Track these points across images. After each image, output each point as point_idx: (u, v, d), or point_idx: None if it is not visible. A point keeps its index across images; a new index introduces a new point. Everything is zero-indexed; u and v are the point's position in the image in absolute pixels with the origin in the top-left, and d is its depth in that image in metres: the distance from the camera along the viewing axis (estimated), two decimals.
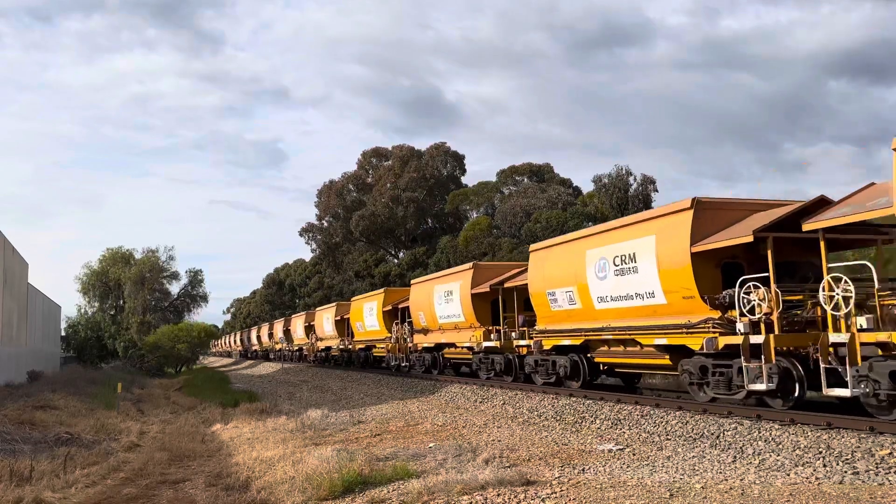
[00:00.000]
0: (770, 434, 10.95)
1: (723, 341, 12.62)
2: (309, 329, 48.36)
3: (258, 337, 71.65)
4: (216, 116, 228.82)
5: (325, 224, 69.07)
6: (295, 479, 10.19)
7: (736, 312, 12.42)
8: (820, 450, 9.85)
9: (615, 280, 15.47)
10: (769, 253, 12.14)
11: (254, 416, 19.49)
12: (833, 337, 11.06)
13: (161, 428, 18.57)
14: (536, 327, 19.41)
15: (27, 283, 36.72)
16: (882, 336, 10.44)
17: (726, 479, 9.08)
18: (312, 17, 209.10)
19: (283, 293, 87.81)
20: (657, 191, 45.65)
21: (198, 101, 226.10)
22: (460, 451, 11.95)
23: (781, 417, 11.59)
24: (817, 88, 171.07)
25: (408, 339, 30.84)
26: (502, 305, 21.96)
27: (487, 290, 22.21)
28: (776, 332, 11.91)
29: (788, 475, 9.15)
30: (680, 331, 13.73)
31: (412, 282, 30.48)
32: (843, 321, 10.96)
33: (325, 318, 43.35)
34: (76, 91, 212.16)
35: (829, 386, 11.05)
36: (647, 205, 43.60)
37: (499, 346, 22.02)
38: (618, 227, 15.97)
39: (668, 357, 14.74)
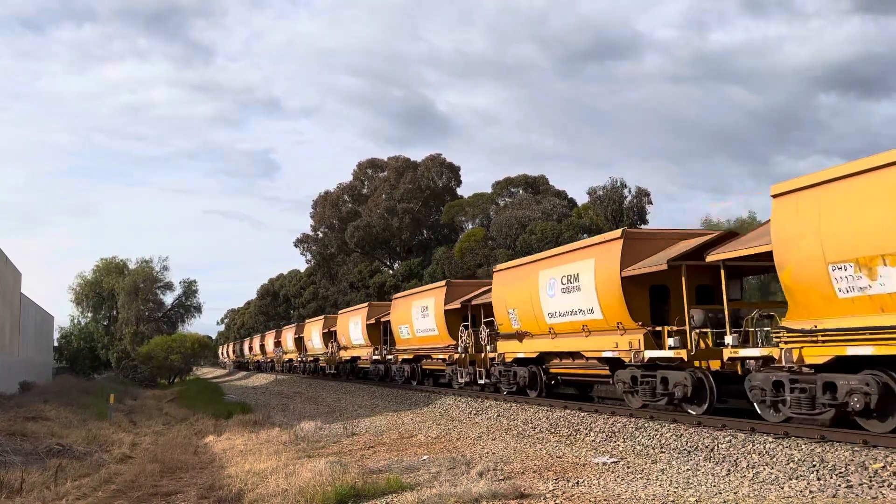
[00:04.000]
0: (764, 447, 10.95)
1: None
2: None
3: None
4: (208, 126, 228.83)
5: (321, 235, 69.05)
6: (288, 491, 10.13)
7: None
8: (814, 463, 9.85)
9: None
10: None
11: (247, 428, 19.39)
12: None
13: (153, 439, 18.47)
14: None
15: (20, 293, 36.55)
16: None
17: (720, 493, 9.07)
18: (304, 28, 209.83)
19: (278, 304, 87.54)
20: (651, 203, 45.84)
21: (190, 110, 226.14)
22: (454, 463, 11.91)
23: (775, 430, 11.61)
24: (807, 102, 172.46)
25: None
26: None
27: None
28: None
29: (782, 488, 9.14)
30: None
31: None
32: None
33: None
34: (68, 100, 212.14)
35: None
36: (641, 217, 43.78)
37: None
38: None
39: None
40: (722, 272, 13.36)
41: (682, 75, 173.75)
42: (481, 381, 21.95)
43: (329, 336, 41.09)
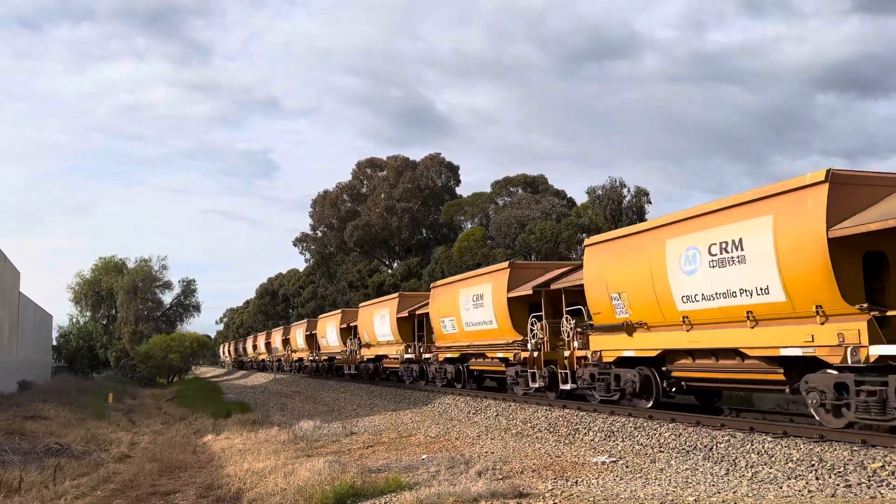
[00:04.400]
0: (763, 446, 10.95)
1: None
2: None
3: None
4: (207, 126, 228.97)
5: (320, 234, 69.00)
6: (286, 490, 10.13)
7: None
8: (812, 462, 9.85)
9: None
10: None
11: (246, 427, 19.39)
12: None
13: (152, 438, 18.46)
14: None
15: (19, 292, 36.53)
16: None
17: (719, 492, 9.07)
18: (303, 28, 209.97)
19: (277, 303, 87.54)
20: (651, 202, 45.76)
21: (188, 110, 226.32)
22: (453, 462, 11.91)
23: (774, 430, 11.61)
24: (805, 102, 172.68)
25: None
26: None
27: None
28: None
29: (781, 488, 9.15)
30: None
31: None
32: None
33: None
34: (67, 99, 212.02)
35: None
36: (641, 216, 43.70)
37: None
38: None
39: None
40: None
41: (680, 75, 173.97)
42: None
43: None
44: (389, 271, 62.35)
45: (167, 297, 70.18)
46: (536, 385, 18.82)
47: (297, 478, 10.74)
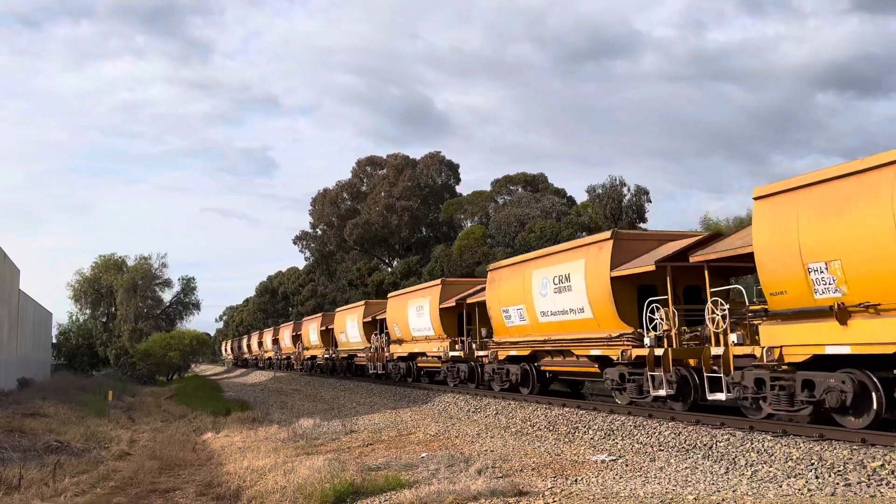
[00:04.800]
0: (762, 445, 10.95)
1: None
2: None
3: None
4: (206, 124, 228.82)
5: (319, 232, 68.99)
6: (286, 488, 10.13)
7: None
8: (812, 461, 9.85)
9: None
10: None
11: (245, 425, 19.38)
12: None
13: (152, 436, 18.46)
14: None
15: (18, 290, 36.52)
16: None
17: (719, 491, 9.07)
18: (301, 27, 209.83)
19: (277, 301, 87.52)
20: (651, 201, 45.75)
21: (187, 108, 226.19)
22: (453, 461, 11.91)
23: (774, 429, 11.61)
24: (805, 101, 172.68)
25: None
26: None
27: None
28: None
29: (781, 487, 9.14)
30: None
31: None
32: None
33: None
34: (66, 98, 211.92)
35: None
36: (640, 215, 43.70)
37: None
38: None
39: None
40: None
41: (679, 74, 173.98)
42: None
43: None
44: (389, 270, 62.33)
45: (167, 295, 70.32)
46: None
47: (297, 476, 10.74)
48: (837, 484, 8.94)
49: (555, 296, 17.58)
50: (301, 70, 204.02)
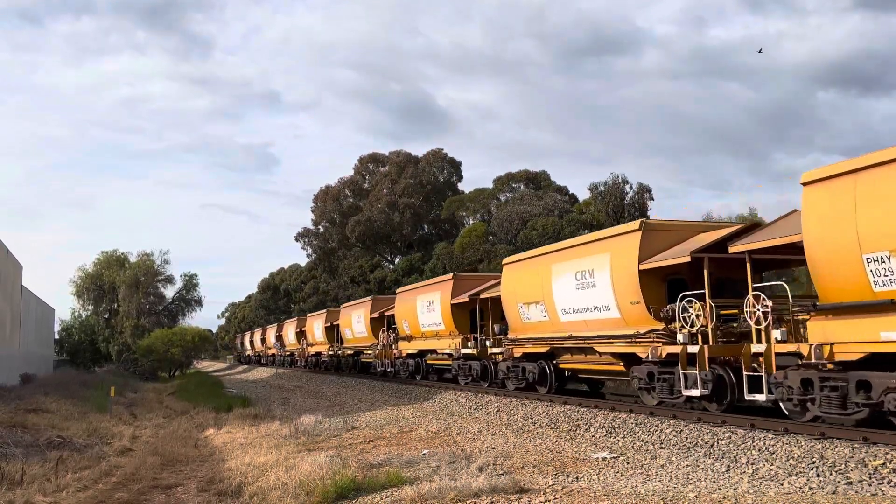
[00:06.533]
0: (764, 443, 10.95)
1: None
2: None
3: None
4: (206, 120, 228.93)
5: (321, 229, 69.01)
6: (288, 484, 10.15)
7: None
8: (813, 460, 9.85)
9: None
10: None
11: (247, 422, 19.42)
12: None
13: (154, 432, 18.50)
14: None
15: (21, 286, 36.58)
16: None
17: (720, 489, 9.07)
18: (302, 22, 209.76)
19: (279, 298, 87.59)
20: (653, 199, 45.73)
21: (188, 104, 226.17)
22: (454, 458, 11.92)
23: (775, 427, 11.61)
24: (806, 99, 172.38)
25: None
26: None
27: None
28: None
29: (782, 485, 9.14)
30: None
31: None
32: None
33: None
34: (66, 93, 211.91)
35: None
36: (643, 213, 43.65)
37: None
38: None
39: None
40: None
41: (680, 71, 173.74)
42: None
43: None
44: (391, 267, 62.35)
45: (169, 292, 70.42)
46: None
47: (299, 472, 10.77)
48: (839, 482, 8.94)
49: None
50: (302, 66, 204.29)
